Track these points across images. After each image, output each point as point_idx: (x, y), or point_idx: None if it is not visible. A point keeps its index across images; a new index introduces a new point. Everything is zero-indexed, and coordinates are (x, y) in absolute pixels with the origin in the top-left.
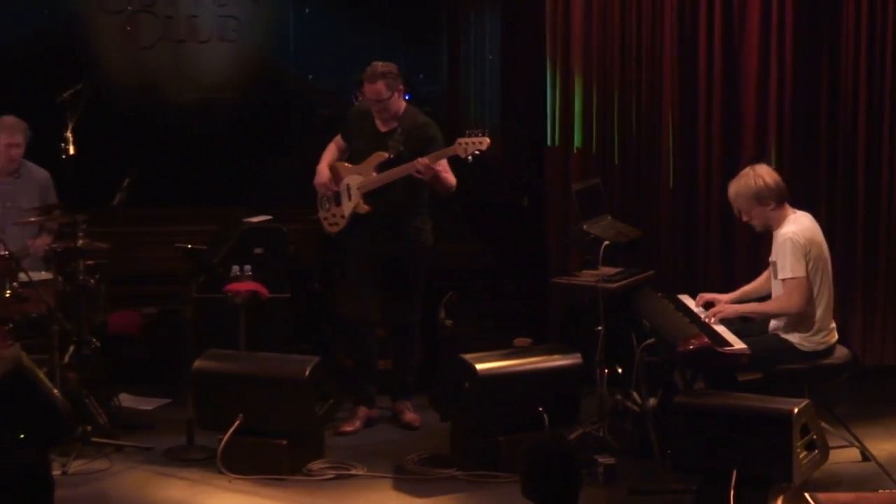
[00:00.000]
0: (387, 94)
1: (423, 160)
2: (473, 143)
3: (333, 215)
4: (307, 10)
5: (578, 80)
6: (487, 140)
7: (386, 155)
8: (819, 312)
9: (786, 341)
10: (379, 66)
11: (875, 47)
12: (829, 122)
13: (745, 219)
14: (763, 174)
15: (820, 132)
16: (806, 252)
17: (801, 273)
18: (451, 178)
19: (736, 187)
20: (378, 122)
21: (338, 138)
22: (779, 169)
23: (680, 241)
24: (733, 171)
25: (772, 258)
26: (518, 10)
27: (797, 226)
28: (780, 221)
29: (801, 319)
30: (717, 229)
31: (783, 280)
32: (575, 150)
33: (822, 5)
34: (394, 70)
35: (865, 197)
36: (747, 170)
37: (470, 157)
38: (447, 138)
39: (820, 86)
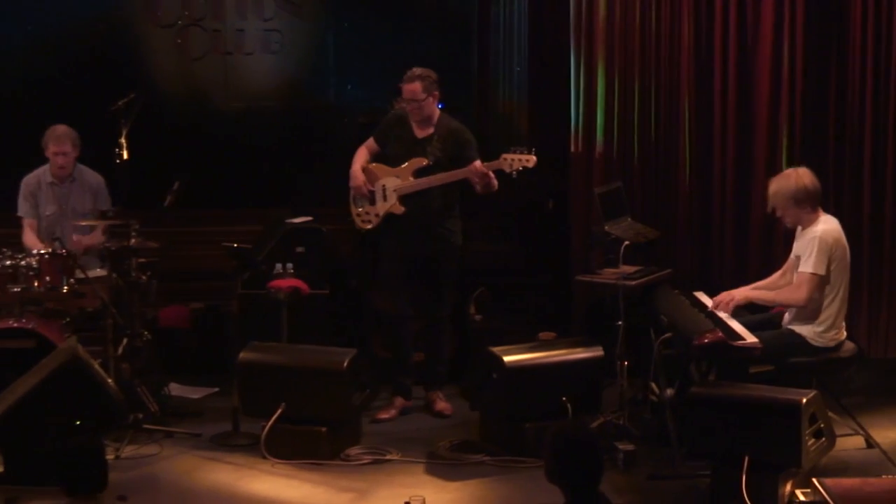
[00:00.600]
0: (422, 96)
1: (480, 165)
2: (519, 159)
3: (367, 213)
4: (346, 25)
5: (601, 92)
6: (534, 158)
7: (425, 161)
8: (834, 310)
9: (798, 336)
10: (417, 69)
11: (880, 59)
12: (836, 127)
13: (778, 215)
14: (804, 177)
15: (828, 137)
16: (831, 252)
17: (821, 271)
18: (495, 182)
19: (777, 185)
20: (415, 129)
21: (370, 141)
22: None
23: (695, 241)
24: (746, 175)
25: (797, 252)
26: (544, 30)
27: (828, 226)
28: (811, 221)
29: (814, 315)
30: (731, 230)
31: (800, 272)
32: (597, 156)
33: (831, 17)
34: (432, 75)
35: (871, 197)
36: (790, 171)
37: (514, 173)
38: (478, 146)
39: (828, 93)
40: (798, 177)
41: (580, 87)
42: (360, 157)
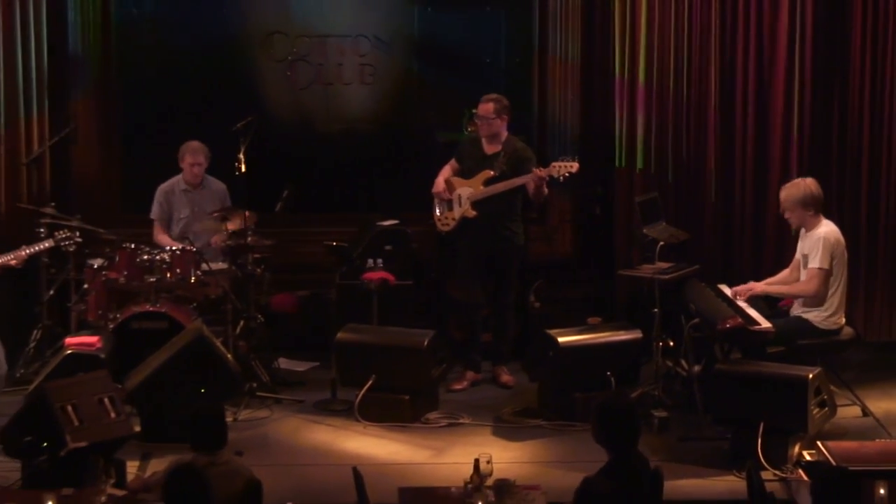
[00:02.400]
0: (493, 115)
1: (539, 171)
2: (565, 166)
3: (446, 218)
4: (427, 61)
5: (640, 118)
6: (577, 165)
7: (492, 173)
8: (837, 298)
9: (807, 321)
10: (493, 94)
11: (876, 87)
12: (838, 143)
13: (786, 215)
14: (811, 186)
15: (831, 152)
16: (833, 250)
17: (826, 266)
18: (546, 190)
19: (788, 191)
20: (485, 147)
21: (452, 161)
22: None
23: (719, 242)
24: (763, 187)
25: (803, 252)
26: (593, 66)
27: (829, 229)
28: (814, 224)
29: (821, 303)
30: (750, 232)
31: (810, 268)
32: (637, 170)
33: (835, 51)
34: (503, 101)
35: (868, 203)
36: (799, 180)
37: (562, 178)
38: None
39: (832, 115)
40: (806, 185)
41: (623, 114)
42: (445, 171)
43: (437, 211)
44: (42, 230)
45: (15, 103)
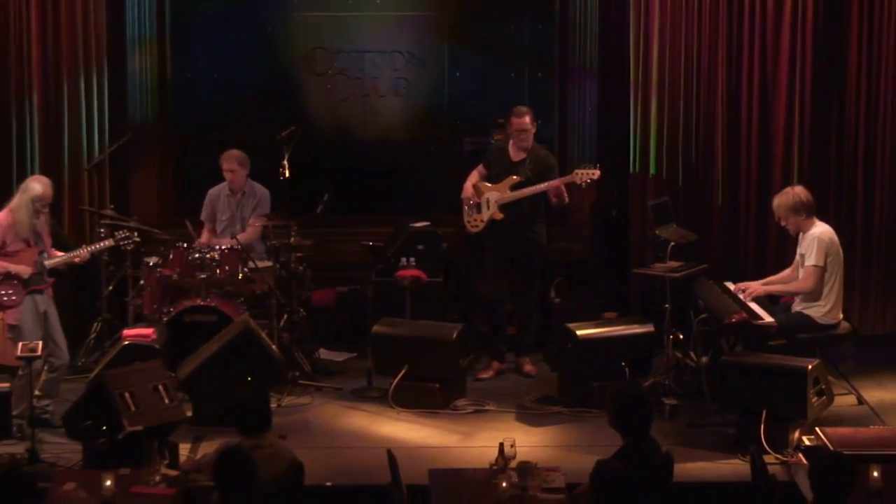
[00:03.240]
0: (531, 126)
1: (557, 182)
2: (587, 173)
3: (476, 220)
4: (458, 74)
5: (653, 128)
6: (598, 172)
7: (517, 178)
8: (834, 294)
9: (807, 316)
10: (524, 106)
11: (871, 99)
12: (836, 154)
13: (782, 223)
14: (800, 193)
15: (829, 161)
16: (828, 248)
17: (821, 263)
18: (566, 196)
19: (779, 200)
20: (511, 154)
21: (480, 166)
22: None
23: (726, 243)
24: (766, 191)
25: (801, 251)
26: (610, 80)
27: (823, 229)
28: (808, 227)
29: (818, 298)
30: (754, 234)
31: (806, 266)
32: (650, 176)
33: (833, 71)
34: (532, 113)
35: (863, 206)
36: (788, 188)
37: (583, 184)
38: (559, 167)
39: (830, 128)
40: (795, 193)
41: (637, 125)
42: (472, 177)
43: (467, 214)
44: (102, 230)
45: (77, 115)
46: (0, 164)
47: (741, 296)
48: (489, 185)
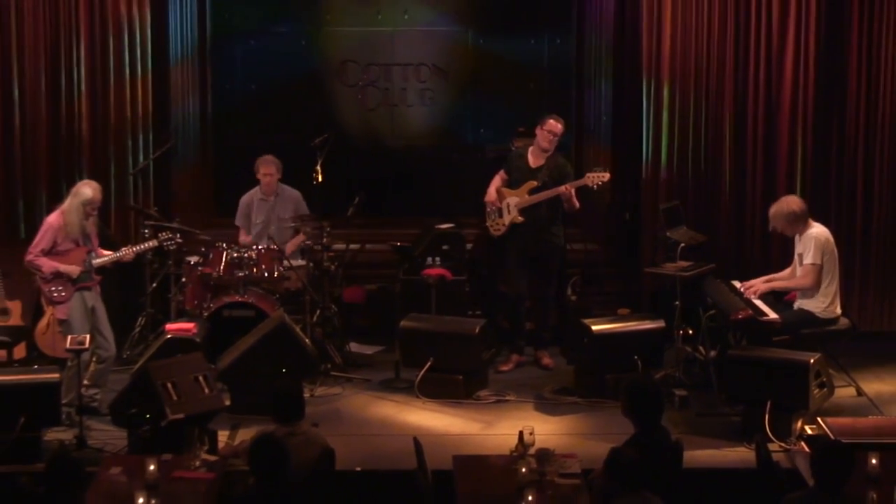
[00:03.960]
0: (562, 131)
1: (567, 186)
2: (598, 176)
3: (497, 224)
4: (480, 86)
5: (664, 135)
6: (608, 175)
7: (536, 183)
8: (831, 291)
9: (808, 312)
10: (553, 115)
11: (871, 105)
12: (837, 160)
13: (779, 231)
14: (792, 204)
15: (830, 167)
16: (824, 247)
17: (818, 261)
18: (577, 203)
19: (775, 209)
20: (530, 161)
21: (501, 172)
22: (803, 190)
23: (733, 244)
24: (771, 196)
25: (799, 251)
26: (624, 90)
27: (819, 230)
28: (805, 229)
29: (818, 296)
30: (759, 236)
31: (805, 265)
32: (661, 181)
33: (834, 80)
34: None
35: (863, 207)
36: (783, 198)
37: (595, 187)
38: (576, 173)
39: (831, 136)
40: (788, 203)
41: (649, 132)
42: (495, 181)
43: (490, 218)
44: (146, 231)
45: (123, 123)
46: (50, 169)
47: (746, 294)
48: (509, 190)
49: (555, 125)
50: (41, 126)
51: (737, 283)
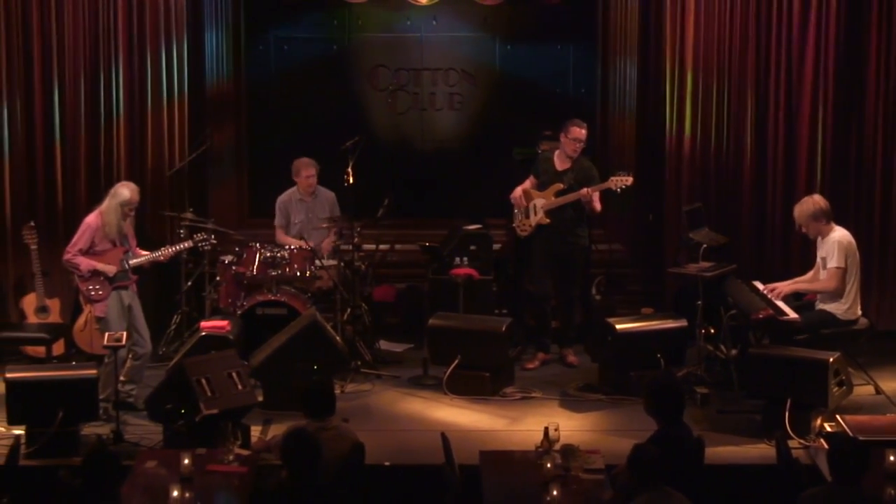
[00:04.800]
0: (585, 136)
1: (587, 190)
2: (622, 180)
3: (524, 225)
4: (507, 90)
5: (688, 139)
6: (631, 178)
7: (561, 185)
8: (853, 292)
9: (829, 313)
10: (579, 120)
11: (889, 110)
12: (855, 165)
13: (803, 230)
14: (818, 201)
15: (849, 172)
16: (847, 250)
17: (842, 265)
18: (598, 206)
19: (800, 209)
20: (556, 164)
21: (531, 177)
22: (822, 192)
23: (754, 245)
24: (791, 198)
25: (822, 255)
26: (647, 96)
27: (842, 234)
28: (828, 231)
29: (841, 296)
30: (780, 237)
31: (829, 268)
32: (684, 184)
33: (853, 85)
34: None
35: (881, 209)
36: (808, 198)
37: (619, 189)
38: (600, 176)
39: (850, 140)
40: (814, 201)
41: (672, 137)
42: (525, 184)
43: (517, 219)
44: (182, 232)
45: (160, 127)
46: (89, 172)
47: (770, 295)
48: (536, 192)
49: (578, 131)
50: (81, 132)
51: (758, 284)
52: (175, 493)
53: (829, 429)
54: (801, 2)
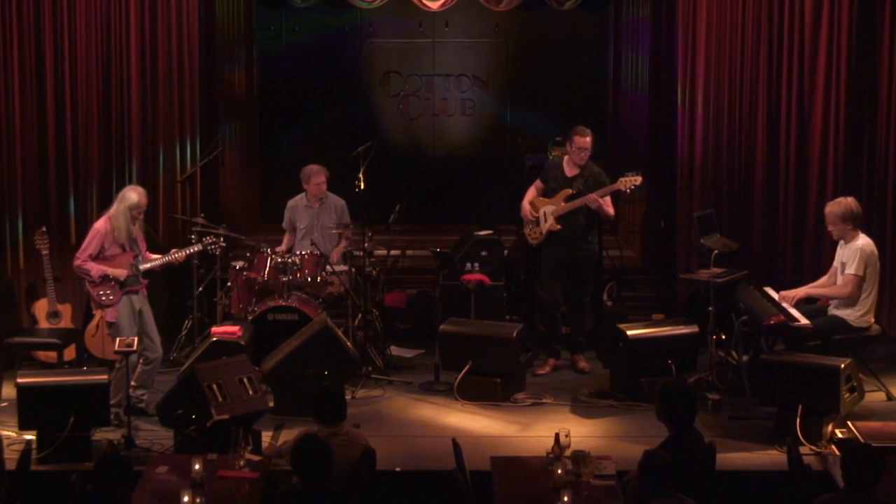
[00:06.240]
0: (590, 146)
1: (594, 195)
2: (631, 180)
3: (535, 233)
4: (518, 96)
5: (699, 145)
6: (640, 178)
7: (571, 191)
8: (868, 301)
9: (841, 319)
10: (583, 127)
11: None
12: (868, 171)
13: (829, 228)
14: (852, 203)
15: (862, 173)
16: (868, 260)
17: (861, 272)
18: (610, 210)
19: (832, 206)
20: (566, 170)
21: (537, 181)
22: (835, 197)
23: (765, 251)
24: (803, 205)
25: (843, 259)
26: (659, 105)
27: (865, 241)
28: (853, 237)
29: (854, 304)
30: (791, 243)
31: (847, 274)
32: (695, 190)
33: (865, 93)
34: (592, 134)
35: (892, 216)
36: (842, 198)
37: (628, 190)
38: (612, 182)
39: (862, 146)
40: (847, 203)
41: (684, 142)
42: (529, 194)
43: (527, 228)
44: (192, 236)
45: (171, 131)
46: (101, 178)
47: (784, 303)
48: (545, 199)
49: (581, 140)
50: (93, 138)
51: (770, 290)
52: (186, 499)
53: (840, 435)
54: (812, 9)
